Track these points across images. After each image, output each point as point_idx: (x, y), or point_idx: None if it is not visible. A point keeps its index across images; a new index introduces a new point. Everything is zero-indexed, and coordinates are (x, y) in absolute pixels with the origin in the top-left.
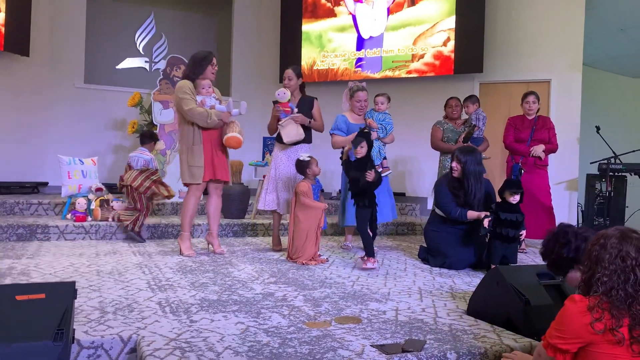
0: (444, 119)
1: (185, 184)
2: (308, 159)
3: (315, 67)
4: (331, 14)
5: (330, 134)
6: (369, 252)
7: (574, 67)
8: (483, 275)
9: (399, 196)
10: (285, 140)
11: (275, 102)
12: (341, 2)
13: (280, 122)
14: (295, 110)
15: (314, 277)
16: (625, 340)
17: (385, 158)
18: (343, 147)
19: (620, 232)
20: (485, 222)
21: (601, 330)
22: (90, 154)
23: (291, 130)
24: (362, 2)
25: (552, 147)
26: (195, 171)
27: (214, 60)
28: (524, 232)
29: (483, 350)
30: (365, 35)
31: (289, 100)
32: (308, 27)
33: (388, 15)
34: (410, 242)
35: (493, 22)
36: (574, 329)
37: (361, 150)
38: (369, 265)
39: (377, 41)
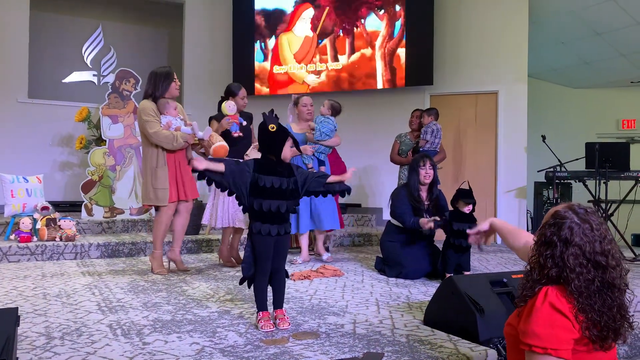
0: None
1: (150, 205)
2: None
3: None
4: (285, 29)
5: None
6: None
7: (520, 78)
8: (438, 285)
9: (355, 207)
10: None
11: (212, 118)
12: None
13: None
14: (244, 123)
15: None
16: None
17: (323, 165)
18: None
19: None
20: (431, 224)
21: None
22: (36, 172)
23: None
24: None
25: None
26: (160, 193)
27: (175, 76)
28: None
29: None
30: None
31: (237, 113)
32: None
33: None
34: (366, 253)
35: (442, 37)
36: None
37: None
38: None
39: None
